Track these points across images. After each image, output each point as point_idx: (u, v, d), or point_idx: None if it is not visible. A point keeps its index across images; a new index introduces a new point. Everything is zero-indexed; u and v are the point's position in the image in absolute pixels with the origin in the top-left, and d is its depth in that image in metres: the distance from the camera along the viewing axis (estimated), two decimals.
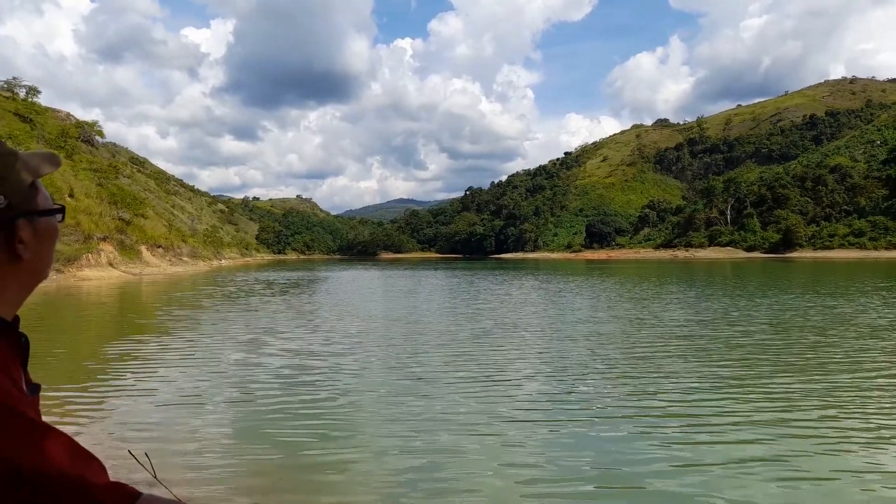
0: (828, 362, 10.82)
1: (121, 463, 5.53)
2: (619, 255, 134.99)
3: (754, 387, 9.18)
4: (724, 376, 9.84)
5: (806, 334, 14.14)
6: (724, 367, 10.54)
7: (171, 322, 18.13)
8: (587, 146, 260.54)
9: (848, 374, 9.81)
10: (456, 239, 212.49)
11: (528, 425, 7.38)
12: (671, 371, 10.28)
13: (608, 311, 19.97)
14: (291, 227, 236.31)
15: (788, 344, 12.90)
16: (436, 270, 63.02)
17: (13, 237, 0.93)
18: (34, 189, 0.96)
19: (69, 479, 0.79)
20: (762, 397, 8.51)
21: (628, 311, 20.06)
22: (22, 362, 0.95)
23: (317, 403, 8.37)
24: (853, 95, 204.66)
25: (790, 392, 8.77)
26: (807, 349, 12.20)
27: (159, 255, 65.40)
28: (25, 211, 0.94)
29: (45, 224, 0.98)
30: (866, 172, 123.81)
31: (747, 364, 10.87)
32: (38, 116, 72.54)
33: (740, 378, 9.77)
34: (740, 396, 8.62)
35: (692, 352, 12.15)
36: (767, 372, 10.18)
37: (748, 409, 7.86)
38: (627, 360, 11.35)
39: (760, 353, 11.95)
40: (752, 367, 10.58)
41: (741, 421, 7.39)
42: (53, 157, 1.01)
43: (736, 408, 7.95)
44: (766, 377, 9.81)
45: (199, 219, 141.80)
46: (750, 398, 8.48)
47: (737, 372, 10.22)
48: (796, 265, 66.16)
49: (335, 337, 14.72)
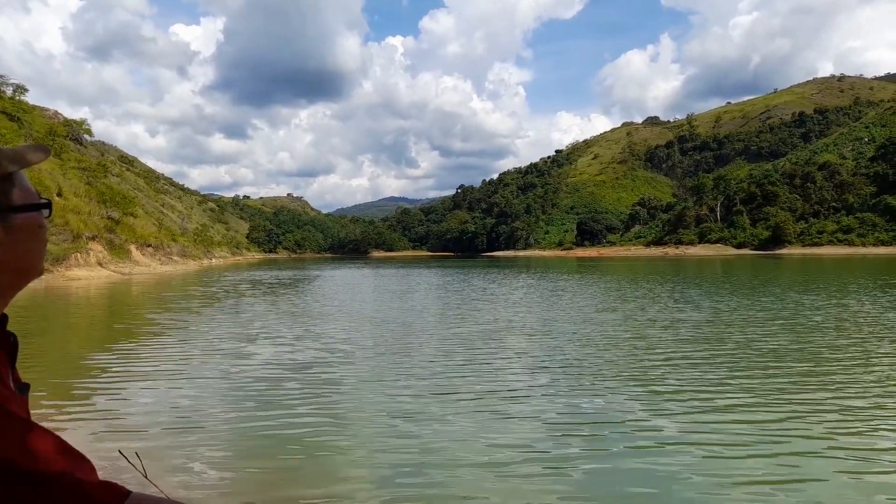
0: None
1: (111, 464, 5.48)
2: (609, 253, 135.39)
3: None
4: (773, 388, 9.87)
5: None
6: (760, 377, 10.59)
7: (161, 322, 18.01)
8: (578, 144, 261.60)
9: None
10: (447, 237, 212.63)
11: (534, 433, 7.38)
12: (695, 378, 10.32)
13: (609, 312, 20.01)
14: (282, 225, 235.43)
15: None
16: (428, 269, 62.98)
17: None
18: (8, 183, 0.92)
19: (58, 477, 0.78)
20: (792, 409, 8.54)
21: (631, 311, 20.11)
22: (10, 361, 0.93)
23: (310, 403, 8.33)
24: (841, 93, 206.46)
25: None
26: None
27: (149, 254, 64.96)
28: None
29: (22, 220, 0.92)
30: (854, 169, 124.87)
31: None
32: (26, 115, 71.76)
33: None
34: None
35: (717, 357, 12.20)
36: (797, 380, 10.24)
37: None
38: (638, 365, 11.37)
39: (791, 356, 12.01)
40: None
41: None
42: (36, 149, 0.96)
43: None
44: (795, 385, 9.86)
45: (189, 218, 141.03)
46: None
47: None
48: (787, 262, 66.62)
49: (327, 337, 14.67)
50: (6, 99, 73.36)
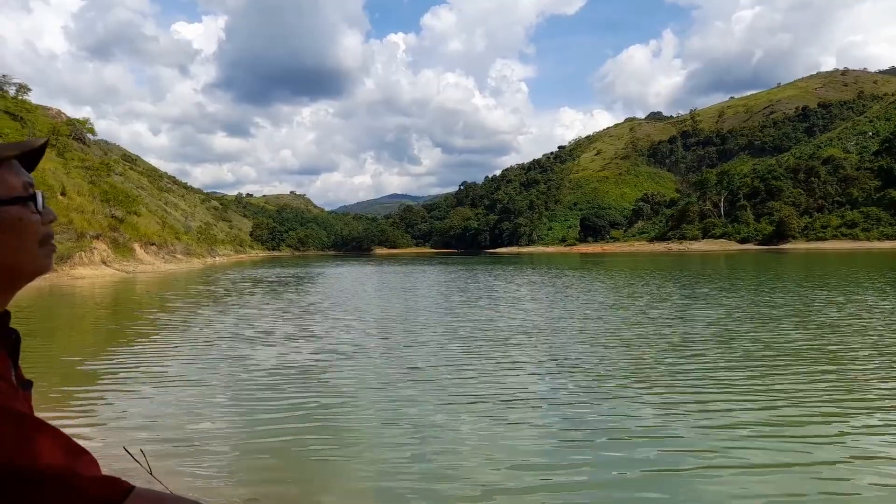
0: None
1: (115, 460, 5.48)
2: (613, 249, 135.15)
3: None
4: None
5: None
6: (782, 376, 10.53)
7: (165, 322, 18.06)
8: (581, 140, 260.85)
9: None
10: (450, 234, 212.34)
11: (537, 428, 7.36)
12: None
13: (618, 309, 19.98)
14: (285, 223, 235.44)
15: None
16: (432, 266, 62.95)
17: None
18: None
19: (61, 472, 0.78)
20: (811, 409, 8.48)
21: (642, 308, 20.07)
22: (13, 358, 0.93)
23: (313, 401, 8.34)
24: (845, 87, 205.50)
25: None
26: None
27: (153, 252, 65.12)
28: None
29: (4, 214, 0.89)
30: (858, 164, 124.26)
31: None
32: (29, 114, 72.03)
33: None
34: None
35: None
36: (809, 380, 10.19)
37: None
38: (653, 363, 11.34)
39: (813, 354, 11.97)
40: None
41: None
42: (21, 143, 0.93)
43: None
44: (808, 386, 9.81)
45: (192, 216, 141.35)
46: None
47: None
48: (791, 257, 66.38)
49: (331, 337, 14.67)
50: (9, 99, 73.59)
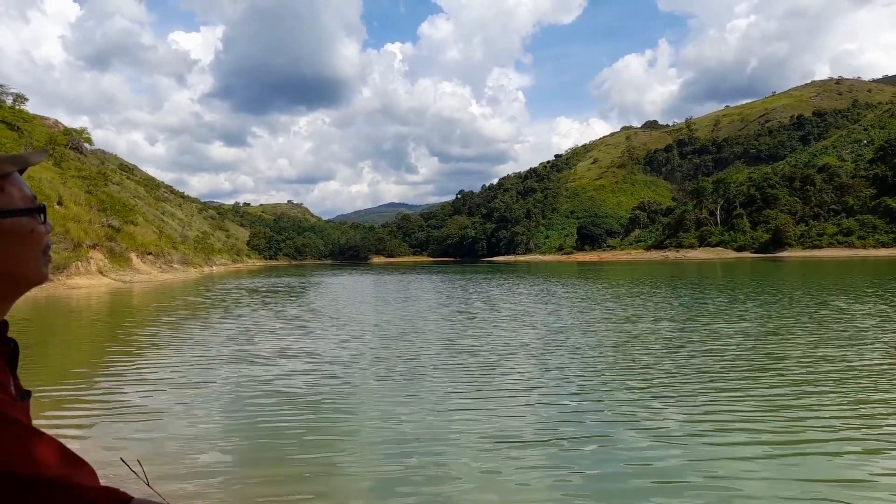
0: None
1: (112, 471, 5.47)
2: (610, 257, 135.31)
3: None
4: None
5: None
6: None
7: (161, 332, 18.02)
8: (577, 148, 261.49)
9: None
10: (448, 242, 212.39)
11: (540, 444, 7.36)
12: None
13: (624, 322, 19.99)
14: (283, 232, 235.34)
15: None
16: (429, 275, 62.87)
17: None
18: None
19: (59, 482, 0.78)
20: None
21: (644, 314, 20.08)
22: (11, 367, 0.93)
23: (310, 412, 8.33)
24: (839, 96, 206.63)
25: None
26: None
27: (150, 262, 64.95)
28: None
29: (7, 226, 0.91)
30: (854, 172, 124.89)
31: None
32: (26, 124, 71.98)
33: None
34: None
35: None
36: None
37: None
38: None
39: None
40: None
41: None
42: (16, 157, 0.95)
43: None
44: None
45: (189, 225, 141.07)
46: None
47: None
48: (788, 265, 66.54)
49: (328, 348, 14.66)
50: (6, 108, 73.59)
